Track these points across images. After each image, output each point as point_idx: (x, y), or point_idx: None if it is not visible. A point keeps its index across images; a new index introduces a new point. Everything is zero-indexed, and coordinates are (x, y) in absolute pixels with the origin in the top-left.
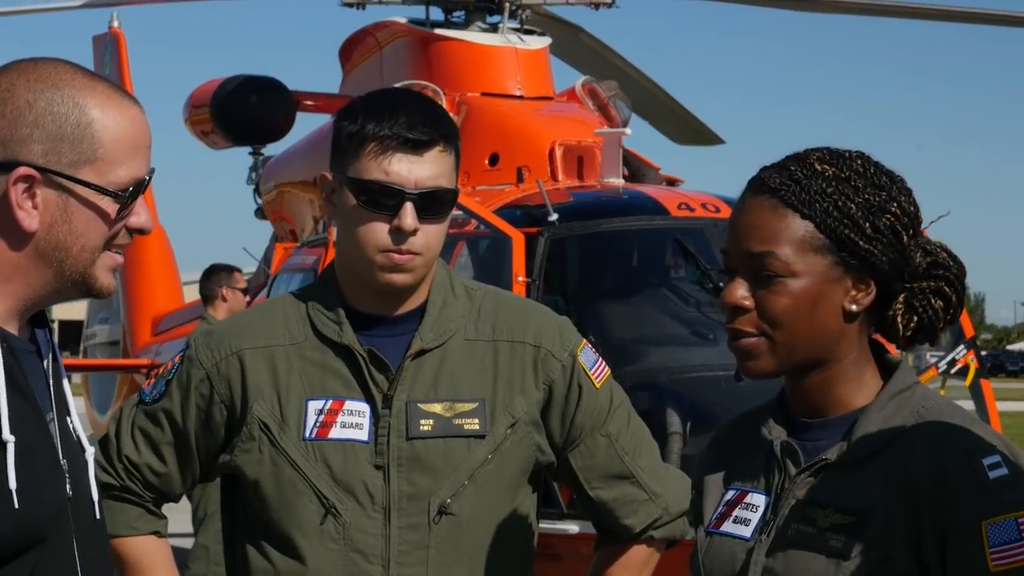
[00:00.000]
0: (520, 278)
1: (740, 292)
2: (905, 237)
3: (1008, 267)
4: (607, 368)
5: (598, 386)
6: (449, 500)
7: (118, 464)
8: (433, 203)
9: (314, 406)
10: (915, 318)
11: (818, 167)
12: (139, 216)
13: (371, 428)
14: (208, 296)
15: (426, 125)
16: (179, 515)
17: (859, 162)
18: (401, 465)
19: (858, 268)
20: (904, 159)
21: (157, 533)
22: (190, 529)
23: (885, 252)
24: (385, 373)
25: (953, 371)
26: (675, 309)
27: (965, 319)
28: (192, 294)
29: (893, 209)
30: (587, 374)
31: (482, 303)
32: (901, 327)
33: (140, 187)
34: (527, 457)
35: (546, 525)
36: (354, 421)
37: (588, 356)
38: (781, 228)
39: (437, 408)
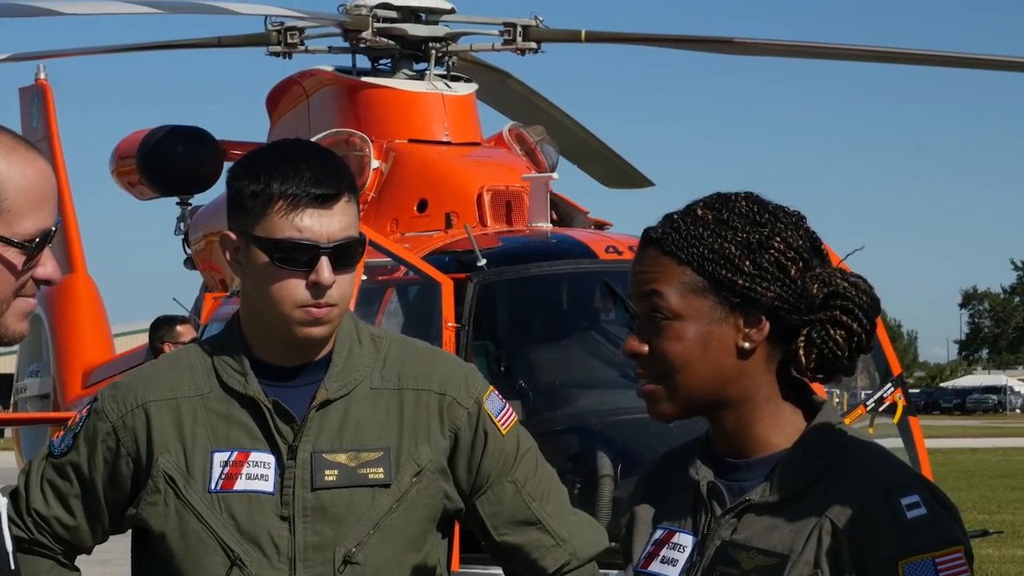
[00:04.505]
0: (449, 324)
1: (634, 341)
2: (793, 270)
3: (941, 305)
4: (514, 415)
5: (504, 432)
6: (354, 549)
7: (27, 517)
8: (345, 254)
9: (219, 458)
10: (815, 350)
11: (700, 213)
12: (46, 267)
13: (276, 479)
14: (153, 352)
15: (331, 178)
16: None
17: (743, 203)
18: (306, 516)
19: (745, 306)
20: (827, 197)
21: None
22: None
23: (770, 287)
24: (290, 424)
25: (881, 409)
26: (604, 352)
27: (892, 357)
28: (123, 345)
29: (776, 244)
30: (493, 421)
31: (388, 351)
32: (804, 360)
33: (46, 238)
34: (434, 505)
35: (475, 570)
36: (259, 472)
37: (494, 403)
38: (664, 274)
39: (342, 458)
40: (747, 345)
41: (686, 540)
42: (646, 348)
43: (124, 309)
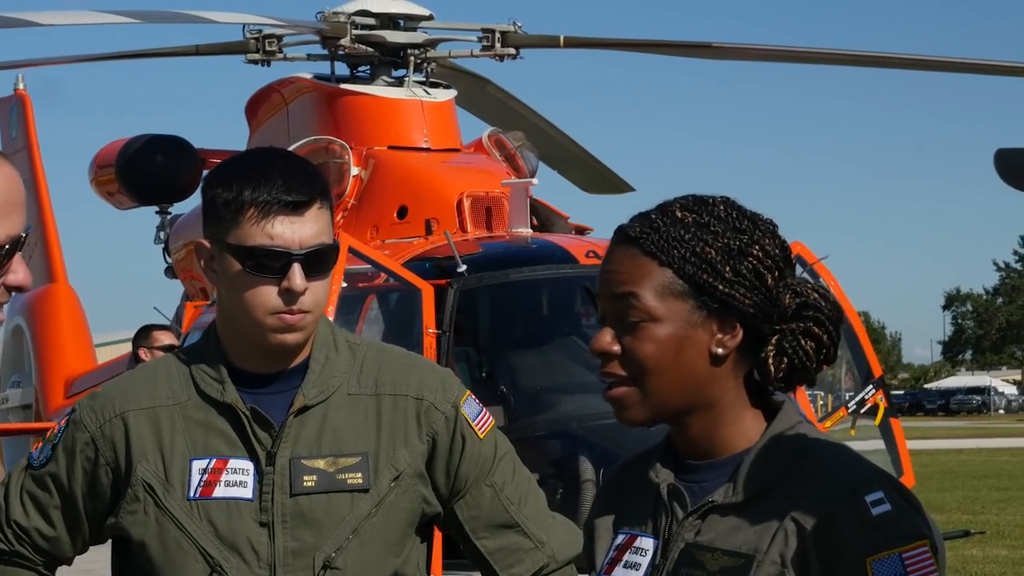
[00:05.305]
0: (430, 330)
1: (606, 339)
2: (770, 279)
3: (924, 306)
4: (491, 419)
5: (482, 436)
6: (333, 555)
7: (7, 529)
8: (318, 261)
9: (198, 465)
10: (785, 360)
11: (679, 214)
12: (16, 274)
13: (255, 486)
14: (136, 360)
15: (303, 185)
16: None
17: (722, 207)
18: (285, 522)
19: (721, 312)
20: (809, 200)
21: None
22: None
23: (748, 295)
24: (268, 431)
25: (863, 411)
26: (585, 357)
27: (873, 359)
28: (105, 355)
29: (755, 252)
30: (471, 425)
31: (364, 357)
32: (773, 369)
33: (16, 244)
34: (412, 509)
35: (459, 575)
36: (238, 479)
37: (472, 407)
38: (642, 275)
39: (320, 463)
40: (720, 351)
41: (648, 544)
42: (618, 347)
43: (106, 319)
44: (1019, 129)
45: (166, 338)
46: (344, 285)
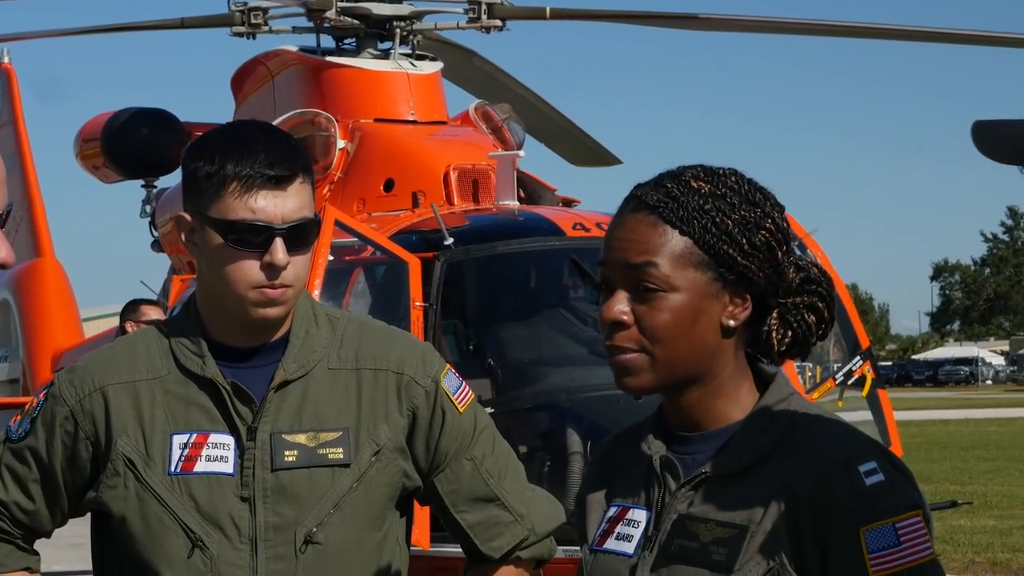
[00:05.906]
0: (417, 303)
1: (619, 307)
2: (779, 253)
3: (912, 278)
4: (471, 392)
5: (462, 410)
6: (315, 529)
7: None
8: (300, 235)
9: (179, 440)
10: (790, 333)
11: (694, 184)
12: None
13: (236, 460)
14: (122, 333)
15: (285, 160)
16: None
17: (733, 179)
18: (267, 496)
19: (735, 283)
20: (798, 172)
21: (29, 569)
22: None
23: (761, 268)
24: (249, 405)
25: (850, 382)
26: (573, 329)
27: (861, 331)
28: (92, 329)
29: (768, 225)
30: (450, 399)
31: (344, 331)
32: (776, 342)
33: None
34: (393, 484)
35: (446, 548)
36: (219, 454)
37: (451, 381)
38: (661, 243)
39: (301, 438)
40: (731, 323)
41: (640, 515)
42: (630, 316)
43: (93, 293)
44: (1005, 101)
45: (154, 312)
46: (331, 258)
